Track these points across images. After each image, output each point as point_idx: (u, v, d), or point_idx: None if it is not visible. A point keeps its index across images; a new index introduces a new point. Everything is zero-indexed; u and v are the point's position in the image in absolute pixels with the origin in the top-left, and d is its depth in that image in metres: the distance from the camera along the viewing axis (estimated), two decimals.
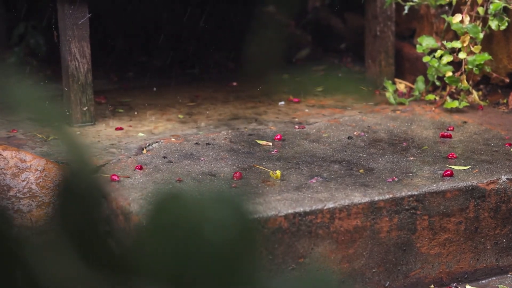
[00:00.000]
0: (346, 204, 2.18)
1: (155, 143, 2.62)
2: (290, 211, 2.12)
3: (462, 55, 2.98)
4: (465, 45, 2.97)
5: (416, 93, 3.16)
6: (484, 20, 3.02)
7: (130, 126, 2.88)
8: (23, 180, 2.33)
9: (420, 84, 3.16)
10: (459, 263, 2.32)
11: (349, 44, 3.87)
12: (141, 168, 2.37)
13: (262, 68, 3.62)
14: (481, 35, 2.97)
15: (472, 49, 2.98)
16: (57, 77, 3.11)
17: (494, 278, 2.37)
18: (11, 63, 3.69)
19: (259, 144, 2.62)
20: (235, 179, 2.30)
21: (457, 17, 3.00)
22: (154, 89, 3.38)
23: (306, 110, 3.08)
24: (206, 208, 0.65)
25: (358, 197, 2.20)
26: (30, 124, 2.81)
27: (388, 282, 2.25)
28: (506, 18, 2.94)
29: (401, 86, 3.27)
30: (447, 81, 3.02)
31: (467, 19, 2.99)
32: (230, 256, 0.62)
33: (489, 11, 2.96)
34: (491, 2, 2.96)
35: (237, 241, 0.62)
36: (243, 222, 0.62)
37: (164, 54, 3.86)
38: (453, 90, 3.09)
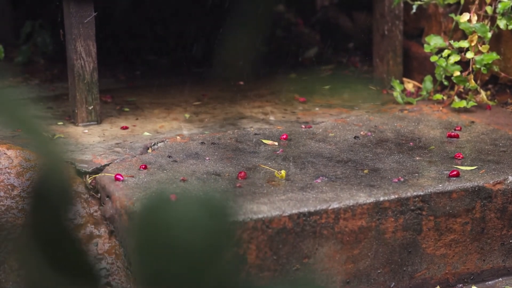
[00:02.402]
0: (351, 204, 2.16)
1: (160, 142, 2.61)
2: (295, 211, 2.11)
3: (469, 55, 2.96)
4: (473, 44, 2.95)
5: (424, 92, 3.15)
6: (492, 20, 3.00)
7: (136, 125, 2.87)
8: (28, 179, 2.32)
9: (428, 84, 3.15)
10: (465, 264, 2.30)
11: (357, 43, 3.85)
12: (145, 168, 2.36)
13: (270, 67, 3.61)
14: (489, 35, 2.95)
15: (480, 48, 2.96)
16: (64, 75, 3.10)
17: (500, 279, 2.35)
18: (18, 61, 3.69)
19: (265, 143, 2.61)
20: (240, 178, 2.29)
21: (465, 16, 2.98)
22: (161, 88, 3.37)
23: (313, 110, 3.07)
24: (187, 210, 0.64)
25: (363, 197, 2.18)
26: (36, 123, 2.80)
27: (393, 283, 2.23)
28: None
29: (409, 85, 3.25)
30: (455, 81, 3.00)
31: (475, 18, 2.97)
32: (201, 259, 0.61)
33: (497, 10, 2.94)
34: (500, 1, 2.94)
35: (210, 243, 0.61)
36: (219, 225, 0.61)
37: (171, 53, 3.85)
38: (461, 90, 3.07)
